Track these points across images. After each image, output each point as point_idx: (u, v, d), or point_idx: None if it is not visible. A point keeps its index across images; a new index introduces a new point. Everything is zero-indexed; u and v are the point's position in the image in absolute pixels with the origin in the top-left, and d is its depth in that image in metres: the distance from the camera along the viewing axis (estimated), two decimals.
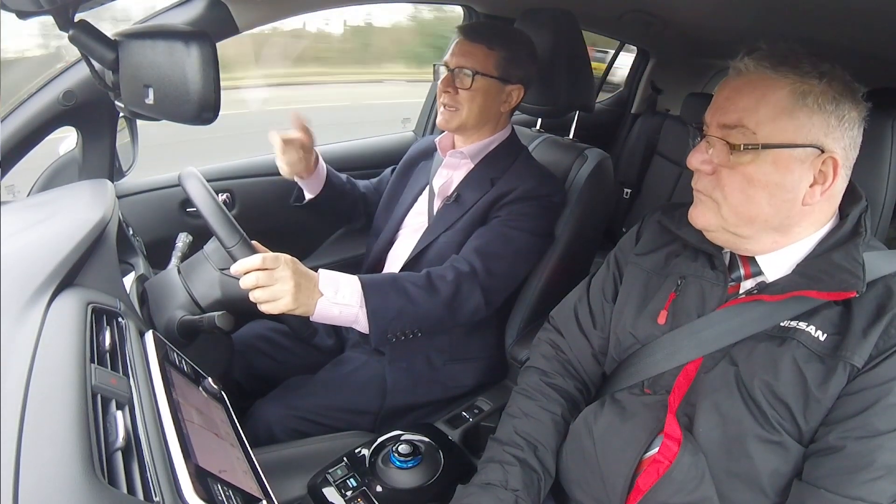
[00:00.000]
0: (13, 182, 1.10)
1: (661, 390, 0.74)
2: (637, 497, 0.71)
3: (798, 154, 0.64)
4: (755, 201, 0.66)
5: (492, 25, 1.16)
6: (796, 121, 0.63)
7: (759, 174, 0.65)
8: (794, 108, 0.63)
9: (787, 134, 0.63)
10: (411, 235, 1.18)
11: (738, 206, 0.67)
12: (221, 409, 0.70)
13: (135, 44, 0.70)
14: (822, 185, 0.65)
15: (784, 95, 0.63)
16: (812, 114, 0.63)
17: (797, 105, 0.63)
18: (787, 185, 0.65)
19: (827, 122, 0.63)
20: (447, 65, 1.11)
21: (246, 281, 0.79)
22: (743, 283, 0.73)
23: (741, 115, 0.65)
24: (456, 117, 1.12)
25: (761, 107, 0.64)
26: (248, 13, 1.08)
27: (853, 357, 0.62)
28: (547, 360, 0.90)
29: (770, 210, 0.66)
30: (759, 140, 0.64)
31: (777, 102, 0.64)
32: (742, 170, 0.66)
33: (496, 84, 1.10)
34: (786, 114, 0.63)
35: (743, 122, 0.65)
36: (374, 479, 0.85)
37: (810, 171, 0.64)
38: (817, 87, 0.63)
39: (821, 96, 0.63)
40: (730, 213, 0.68)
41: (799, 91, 0.63)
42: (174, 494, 0.46)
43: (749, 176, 0.65)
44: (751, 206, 0.67)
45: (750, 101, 0.65)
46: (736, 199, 0.67)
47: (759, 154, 0.64)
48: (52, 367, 0.50)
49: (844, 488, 0.60)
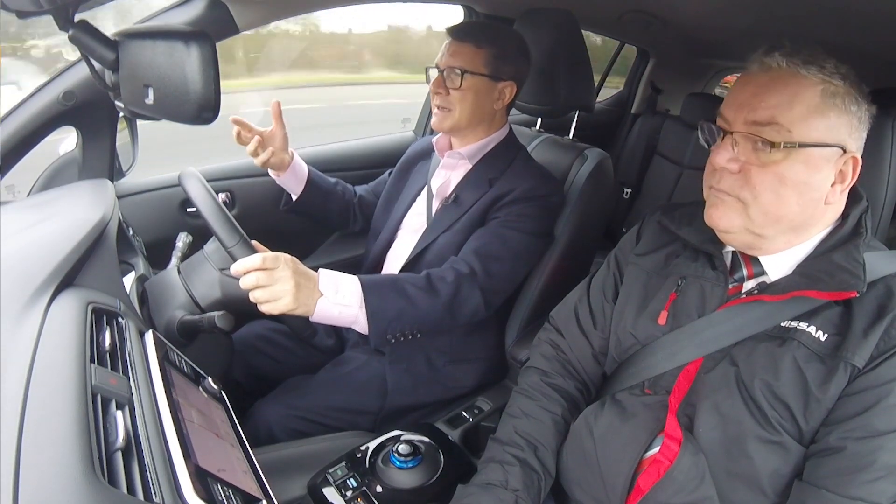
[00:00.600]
0: (13, 182, 1.10)
1: (661, 390, 0.74)
2: (637, 497, 0.70)
3: (826, 153, 0.64)
4: (785, 201, 0.65)
5: (479, 24, 1.16)
6: (827, 120, 0.63)
7: (790, 173, 0.64)
8: (825, 108, 0.63)
9: (819, 133, 0.63)
10: (410, 236, 1.18)
11: (767, 206, 0.66)
12: (221, 409, 0.70)
13: (135, 44, 0.70)
14: (841, 183, 0.65)
15: (817, 94, 0.63)
16: (840, 114, 0.63)
17: (828, 104, 0.63)
18: (814, 185, 0.65)
19: (850, 123, 0.64)
20: (438, 66, 1.11)
21: (246, 281, 0.79)
22: (744, 283, 0.73)
23: (774, 113, 0.63)
24: (449, 118, 1.12)
25: (795, 104, 0.63)
26: (248, 13, 1.08)
27: (854, 357, 0.62)
28: (547, 360, 0.90)
29: (797, 209, 0.66)
30: (794, 138, 0.63)
31: (811, 101, 0.63)
32: (774, 168, 0.64)
33: (486, 82, 1.10)
34: (819, 113, 0.63)
35: (777, 120, 0.63)
36: (374, 479, 0.85)
37: (833, 171, 0.65)
38: (842, 87, 0.63)
39: (846, 97, 0.63)
40: (758, 213, 0.66)
41: (829, 91, 0.63)
42: (174, 494, 0.46)
43: (781, 175, 0.64)
44: (781, 206, 0.65)
45: (783, 98, 0.63)
46: (767, 199, 0.65)
47: (790, 152, 0.63)
48: (52, 367, 0.50)
49: (845, 488, 0.60)
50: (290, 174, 1.21)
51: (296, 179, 1.23)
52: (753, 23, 1.29)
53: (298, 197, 1.25)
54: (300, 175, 1.23)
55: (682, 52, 2.27)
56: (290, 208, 1.27)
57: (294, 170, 1.22)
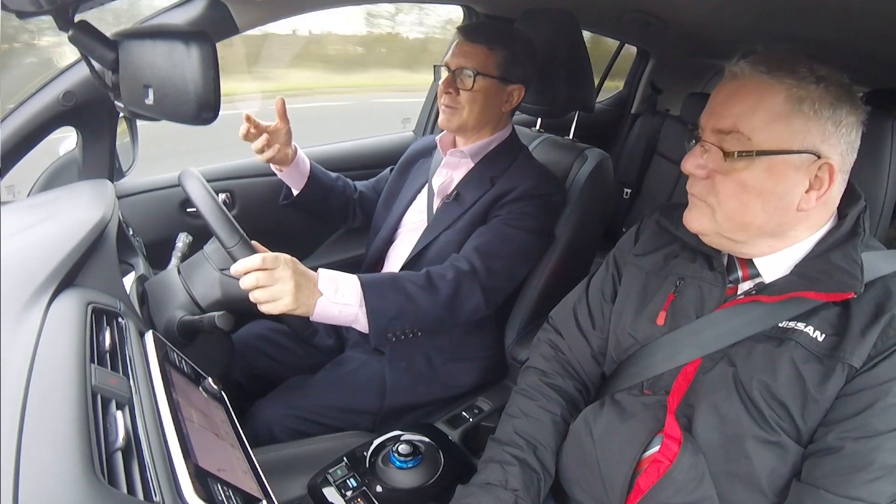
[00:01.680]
0: (13, 182, 1.09)
1: (660, 391, 0.74)
2: (637, 497, 0.71)
3: (793, 160, 0.63)
4: (749, 208, 0.65)
5: (492, 25, 1.16)
6: (792, 127, 0.62)
7: (753, 181, 0.64)
8: (790, 114, 0.62)
9: (782, 140, 0.63)
10: (411, 234, 1.18)
11: (731, 212, 0.67)
12: (221, 409, 0.70)
13: (135, 44, 0.70)
14: (817, 190, 0.64)
15: (780, 101, 0.62)
16: (808, 120, 0.62)
17: (793, 111, 0.62)
18: (780, 192, 0.64)
19: (823, 128, 0.62)
20: (448, 65, 1.11)
21: (246, 281, 0.79)
22: (741, 285, 0.73)
23: (736, 121, 0.64)
24: (457, 117, 1.12)
25: (756, 112, 0.63)
26: (248, 13, 1.08)
27: (851, 358, 0.62)
28: (546, 360, 0.90)
29: (764, 216, 0.66)
30: (753, 146, 0.63)
31: (773, 108, 0.63)
32: (736, 176, 0.65)
33: (497, 84, 1.10)
34: (781, 119, 0.62)
35: (738, 128, 0.64)
36: (374, 479, 0.85)
37: (806, 177, 0.64)
38: (814, 92, 0.62)
39: (818, 101, 0.62)
40: (724, 219, 0.67)
41: (795, 96, 0.62)
42: (174, 494, 0.46)
43: (743, 182, 0.65)
44: (745, 213, 0.66)
45: (745, 106, 0.64)
46: (730, 206, 0.66)
47: (753, 161, 0.64)
48: (52, 367, 0.50)
49: (843, 488, 0.60)
50: (293, 169, 1.21)
51: (298, 174, 1.23)
52: (753, 23, 1.29)
53: (300, 192, 1.24)
54: (303, 170, 1.23)
55: (682, 52, 2.27)
56: (291, 203, 1.26)
57: (297, 165, 1.21)
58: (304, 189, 1.24)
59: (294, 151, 1.20)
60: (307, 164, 1.24)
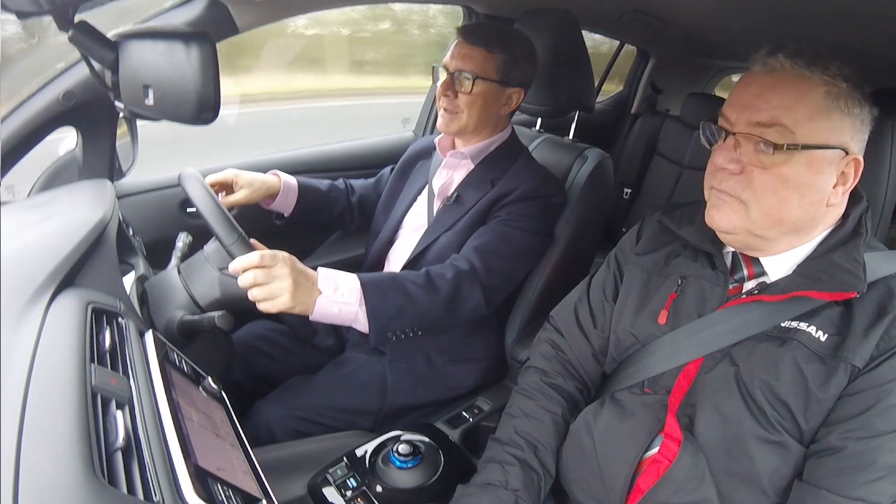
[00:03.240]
0: (13, 182, 1.09)
1: (661, 390, 0.74)
2: (637, 497, 0.71)
3: (828, 155, 0.64)
4: (788, 203, 0.65)
5: (491, 27, 1.15)
6: (831, 122, 0.63)
7: (793, 175, 0.64)
8: (829, 110, 0.63)
9: (822, 135, 0.63)
10: (411, 235, 1.18)
11: (769, 208, 0.65)
12: (221, 409, 0.70)
13: (134, 44, 0.70)
14: (843, 185, 0.65)
15: (820, 95, 0.63)
16: (844, 116, 0.63)
17: (832, 106, 0.63)
18: (817, 187, 0.65)
19: (853, 125, 0.64)
20: (446, 67, 1.10)
21: (244, 278, 0.79)
22: (745, 284, 0.73)
23: (778, 114, 0.63)
24: (455, 121, 1.11)
25: (799, 105, 0.62)
26: (248, 13, 1.08)
27: (854, 358, 0.62)
28: (547, 359, 0.90)
29: (800, 212, 0.66)
30: (798, 140, 0.62)
31: (814, 102, 0.63)
32: (776, 170, 0.64)
33: (496, 87, 1.09)
34: (822, 114, 0.63)
35: (780, 121, 0.63)
36: (374, 479, 0.85)
37: (835, 173, 0.65)
38: (846, 90, 0.63)
39: (849, 99, 0.63)
40: (759, 215, 0.66)
41: (833, 93, 0.63)
42: (174, 494, 0.46)
43: (783, 177, 0.64)
44: (783, 208, 0.65)
45: (787, 99, 0.63)
46: (769, 201, 0.65)
47: (793, 154, 0.63)
48: (52, 367, 0.50)
49: (845, 489, 0.60)
50: (281, 198, 1.20)
51: (285, 203, 1.21)
52: (754, 23, 1.29)
53: (290, 214, 1.23)
54: (291, 196, 1.21)
55: (682, 52, 2.27)
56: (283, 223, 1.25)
57: (285, 194, 1.20)
58: (295, 211, 1.23)
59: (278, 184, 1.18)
60: (294, 188, 1.22)
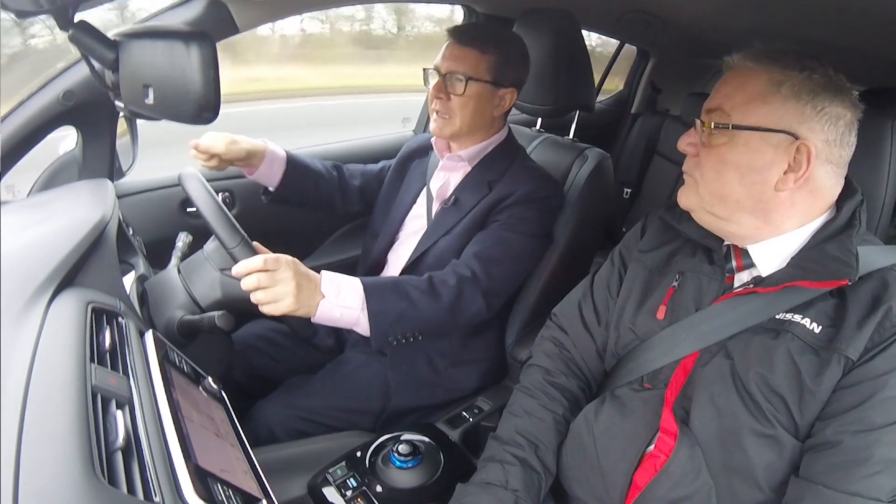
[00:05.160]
0: (13, 182, 1.09)
1: (659, 384, 0.74)
2: (635, 493, 0.71)
3: (771, 139, 0.66)
4: (726, 180, 0.69)
5: (483, 27, 1.14)
6: (769, 105, 0.66)
7: (731, 154, 0.68)
8: (767, 94, 0.66)
9: (758, 117, 0.67)
10: (411, 238, 1.17)
11: (711, 184, 0.71)
12: (221, 409, 0.70)
13: (135, 44, 0.70)
14: (795, 172, 0.66)
15: (760, 83, 0.67)
16: (786, 100, 0.65)
17: (771, 91, 0.66)
18: (757, 167, 0.67)
19: (801, 111, 0.65)
20: (438, 69, 1.08)
21: (247, 282, 0.79)
22: (738, 276, 0.74)
23: (721, 101, 0.70)
24: (449, 126, 1.09)
25: (738, 92, 0.68)
26: (248, 13, 1.08)
27: (847, 349, 0.62)
28: (550, 357, 0.90)
29: (741, 190, 0.69)
30: (731, 121, 0.68)
31: (752, 88, 0.67)
32: (717, 150, 0.69)
33: (489, 89, 1.08)
34: (759, 99, 0.67)
35: (721, 106, 0.69)
36: (374, 479, 0.85)
37: (784, 158, 0.66)
38: (796, 77, 0.66)
39: (798, 86, 0.65)
40: (705, 192, 0.71)
41: (776, 80, 0.66)
42: (174, 494, 0.46)
43: (722, 156, 0.69)
44: (723, 185, 0.69)
45: (730, 87, 0.70)
46: (709, 177, 0.70)
47: (732, 136, 0.68)
48: (52, 367, 0.50)
49: (842, 484, 0.60)
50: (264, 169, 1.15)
51: (270, 173, 1.17)
52: (753, 23, 1.29)
53: (276, 188, 1.18)
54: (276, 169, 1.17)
55: (682, 52, 2.27)
56: (273, 199, 1.21)
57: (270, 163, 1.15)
58: (282, 185, 1.18)
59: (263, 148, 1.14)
60: (282, 158, 1.17)
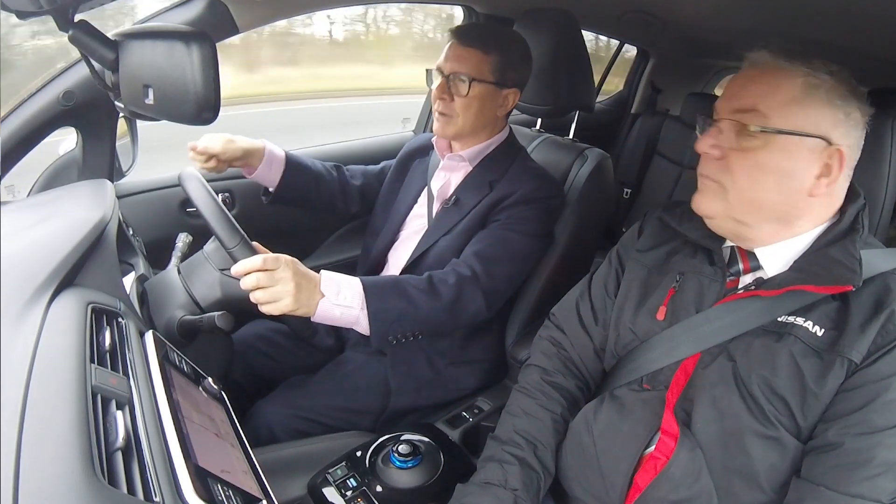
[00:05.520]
0: (13, 182, 1.09)
1: (659, 386, 0.74)
2: (635, 494, 0.71)
3: (807, 143, 0.65)
4: (763, 186, 0.66)
5: (486, 28, 1.14)
6: (807, 110, 0.64)
7: (768, 160, 0.65)
8: (805, 98, 0.65)
9: (797, 122, 0.64)
10: (411, 237, 1.17)
11: (745, 191, 0.67)
12: (221, 409, 0.70)
13: (135, 44, 0.70)
14: (827, 176, 0.66)
15: (797, 85, 0.65)
16: (822, 105, 0.64)
17: (808, 95, 0.65)
18: (794, 173, 0.66)
19: (835, 116, 0.65)
20: (441, 70, 1.08)
21: (247, 282, 0.79)
22: (742, 279, 0.73)
23: (755, 101, 0.66)
24: (452, 126, 1.10)
25: (775, 94, 0.65)
26: (248, 13, 1.08)
27: (851, 352, 0.62)
28: (548, 357, 0.90)
29: (777, 197, 0.67)
30: (771, 124, 0.65)
31: (790, 91, 0.65)
32: (752, 155, 0.66)
33: (492, 89, 1.08)
34: (797, 102, 0.65)
35: (757, 107, 0.66)
36: (374, 479, 0.85)
37: (817, 163, 0.65)
38: (828, 82, 0.65)
39: (831, 91, 0.64)
40: (736, 199, 0.68)
41: (811, 83, 0.65)
42: (174, 494, 0.46)
43: (759, 161, 0.66)
44: (758, 192, 0.67)
45: (765, 88, 0.66)
46: (744, 184, 0.67)
47: (769, 139, 0.65)
48: (52, 367, 0.50)
49: (844, 485, 0.60)
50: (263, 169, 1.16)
51: (269, 173, 1.17)
52: (753, 23, 1.29)
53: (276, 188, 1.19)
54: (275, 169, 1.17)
55: (682, 52, 2.27)
56: (273, 199, 1.21)
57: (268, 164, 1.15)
58: (281, 186, 1.18)
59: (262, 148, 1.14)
60: (280, 159, 1.17)
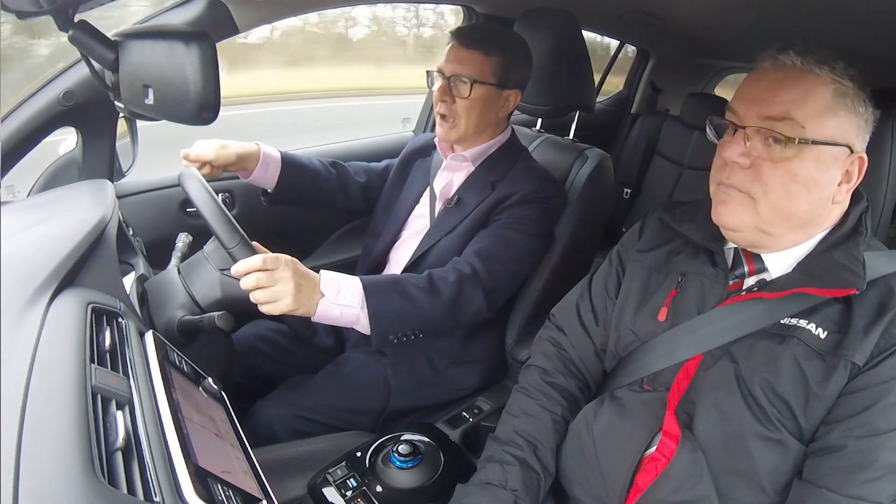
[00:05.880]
0: (13, 182, 1.10)
1: (660, 387, 0.74)
2: (636, 495, 0.71)
3: (835, 152, 0.64)
4: (796, 197, 0.65)
5: (487, 29, 1.14)
6: (838, 119, 0.64)
7: (800, 169, 0.64)
8: (837, 107, 0.64)
9: (830, 131, 0.64)
10: (413, 237, 1.18)
11: (778, 202, 0.65)
12: (221, 409, 0.70)
13: (134, 44, 0.70)
14: (847, 183, 0.66)
15: (829, 92, 0.64)
16: (850, 114, 0.64)
17: (838, 104, 0.64)
18: (823, 183, 0.65)
19: (858, 124, 0.65)
20: (442, 72, 1.08)
21: (246, 282, 0.79)
22: (745, 280, 0.73)
23: (788, 108, 0.63)
24: (454, 130, 1.10)
25: (809, 101, 0.63)
26: (248, 13, 1.08)
27: (854, 355, 0.62)
28: (548, 358, 0.90)
29: (807, 207, 0.66)
30: (807, 135, 0.63)
31: (824, 99, 0.64)
32: (786, 165, 0.64)
33: (494, 91, 1.08)
34: (831, 111, 0.64)
35: (791, 115, 0.63)
36: (374, 479, 0.85)
37: (841, 170, 0.65)
38: (852, 89, 0.64)
39: (856, 98, 0.64)
40: (768, 210, 0.66)
41: (840, 91, 0.64)
42: (174, 494, 0.46)
43: (793, 171, 0.64)
44: (791, 203, 0.65)
45: (796, 94, 0.64)
46: (777, 195, 0.65)
47: (802, 149, 0.63)
48: (52, 367, 0.50)
49: (845, 487, 0.60)
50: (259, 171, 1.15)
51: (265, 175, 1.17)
52: (753, 23, 1.29)
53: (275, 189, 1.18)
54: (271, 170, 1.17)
55: (682, 52, 2.27)
56: (272, 200, 1.21)
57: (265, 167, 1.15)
58: (279, 187, 1.18)
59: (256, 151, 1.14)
60: (276, 160, 1.17)
